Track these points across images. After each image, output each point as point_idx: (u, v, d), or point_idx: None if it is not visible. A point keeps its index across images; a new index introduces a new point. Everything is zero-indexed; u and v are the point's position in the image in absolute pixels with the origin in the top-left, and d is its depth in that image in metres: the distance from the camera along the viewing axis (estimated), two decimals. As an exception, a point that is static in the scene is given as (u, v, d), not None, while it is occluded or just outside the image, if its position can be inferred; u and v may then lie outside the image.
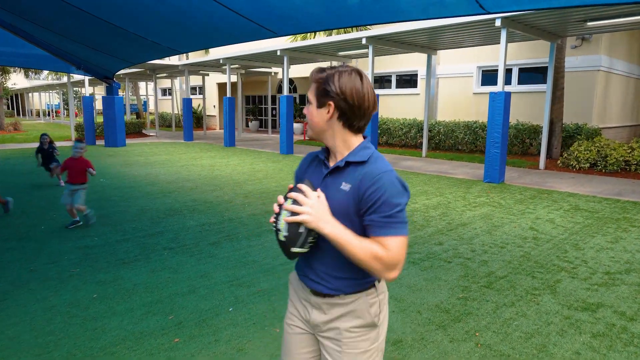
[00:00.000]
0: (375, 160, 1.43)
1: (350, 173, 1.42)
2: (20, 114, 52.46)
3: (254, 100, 27.05)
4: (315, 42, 12.88)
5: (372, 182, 1.36)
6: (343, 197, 1.40)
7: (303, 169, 1.61)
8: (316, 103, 1.44)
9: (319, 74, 1.45)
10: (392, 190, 1.36)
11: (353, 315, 1.50)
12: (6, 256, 4.66)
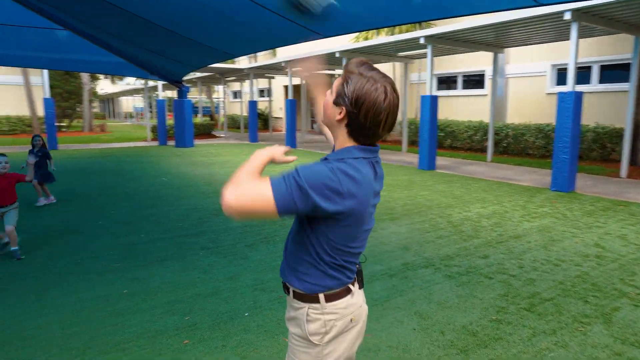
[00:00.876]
0: (327, 162, 1.30)
1: None
2: (112, 116, 57.18)
3: (319, 102, 27.23)
4: (372, 43, 12.64)
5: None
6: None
7: None
8: (334, 98, 1.34)
9: (353, 67, 1.32)
10: (314, 167, 1.25)
11: (295, 322, 1.46)
12: (60, 248, 5.01)
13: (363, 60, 1.35)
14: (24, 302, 3.62)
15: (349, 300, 1.46)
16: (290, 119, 17.10)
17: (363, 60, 1.35)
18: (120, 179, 9.82)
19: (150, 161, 13.30)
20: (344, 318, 1.44)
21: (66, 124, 25.92)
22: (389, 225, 5.97)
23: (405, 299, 3.69)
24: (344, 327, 1.44)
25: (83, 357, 2.82)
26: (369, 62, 1.36)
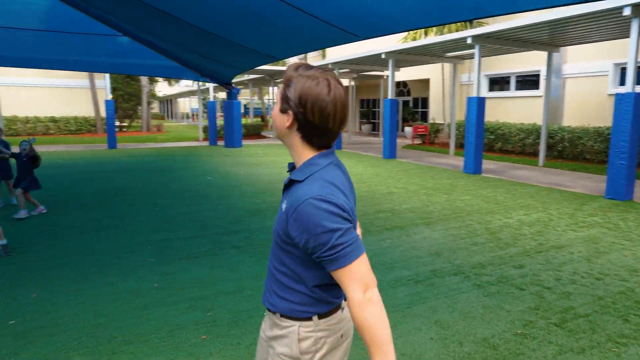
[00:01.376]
0: (311, 181, 1.24)
1: (291, 191, 1.28)
2: (171, 117, 59.91)
3: (368, 103, 27.09)
4: (419, 44, 12.39)
5: (292, 212, 1.22)
6: (281, 214, 1.30)
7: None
8: (279, 106, 1.30)
9: (291, 72, 1.29)
10: (315, 222, 1.18)
11: (283, 341, 1.37)
12: (103, 243, 5.32)
13: (299, 63, 1.33)
14: (64, 291, 3.88)
15: (340, 316, 1.41)
16: (336, 121, 17.11)
17: (299, 63, 1.33)
18: (168, 177, 10.27)
19: (198, 160, 13.81)
20: (335, 334, 1.39)
21: (127, 124, 27.46)
22: (422, 230, 5.84)
23: (427, 306, 3.60)
24: (334, 344, 1.39)
25: (108, 345, 2.99)
26: (306, 63, 1.33)
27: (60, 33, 10.66)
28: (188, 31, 7.78)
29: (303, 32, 6.38)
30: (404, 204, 7.40)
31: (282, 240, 1.30)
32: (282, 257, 1.34)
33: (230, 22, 6.69)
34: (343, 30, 5.70)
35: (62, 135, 23.18)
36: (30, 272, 4.35)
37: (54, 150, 16.38)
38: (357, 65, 17.68)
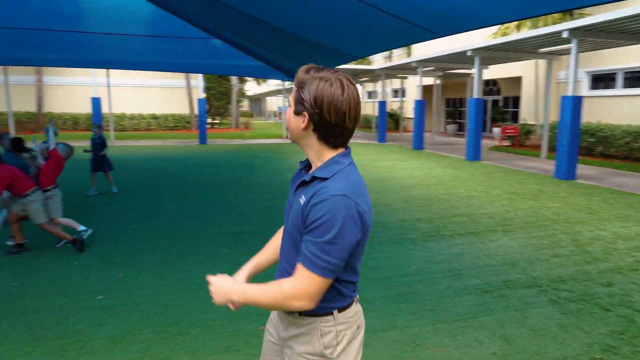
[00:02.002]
0: (337, 179, 1.28)
1: (312, 187, 1.31)
2: (260, 115, 62.64)
3: (454, 103, 26.07)
4: (508, 40, 11.63)
5: (319, 201, 1.24)
6: (298, 209, 1.32)
7: (294, 175, 1.54)
8: (294, 108, 1.33)
9: (302, 74, 1.31)
10: (334, 218, 1.21)
11: (304, 339, 1.40)
12: (184, 231, 5.73)
13: (309, 66, 1.32)
14: (146, 273, 4.25)
15: (355, 308, 1.46)
16: (418, 120, 16.73)
17: (309, 66, 1.32)
18: (249, 173, 10.76)
19: (279, 157, 14.28)
20: (352, 326, 1.43)
21: (218, 121, 29.20)
22: (499, 237, 5.51)
23: (493, 318, 3.39)
24: (352, 336, 1.43)
25: (176, 327, 3.22)
26: (315, 65, 1.33)
27: (161, 38, 11.70)
28: (271, 33, 8.07)
29: (380, 31, 6.32)
30: (483, 209, 7.03)
31: (298, 232, 1.32)
32: (297, 250, 1.35)
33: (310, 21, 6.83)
34: (421, 28, 5.56)
35: (161, 131, 25.28)
36: (120, 252, 4.81)
37: (153, 145, 17.93)
38: (443, 63, 17.08)
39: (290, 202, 1.42)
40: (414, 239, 5.44)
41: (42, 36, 10.71)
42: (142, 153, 15.04)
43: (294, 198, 1.38)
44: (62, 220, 5.08)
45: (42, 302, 3.60)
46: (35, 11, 9.53)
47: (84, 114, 24.21)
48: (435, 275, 4.28)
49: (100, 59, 14.25)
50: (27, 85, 23.92)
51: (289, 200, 1.43)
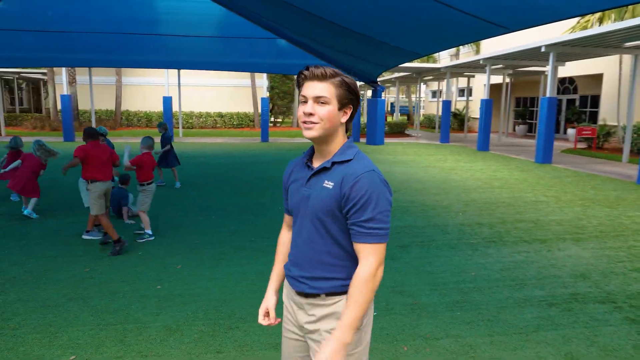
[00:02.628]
0: (359, 159, 1.45)
1: (334, 171, 1.44)
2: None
3: (525, 102, 24.69)
4: (589, 34, 10.77)
5: (355, 181, 1.38)
6: (326, 194, 1.42)
7: (287, 176, 1.63)
8: (337, 105, 1.43)
9: (333, 73, 1.43)
10: (374, 189, 1.37)
11: (334, 317, 1.47)
12: (243, 226, 5.87)
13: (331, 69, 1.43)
14: (203, 266, 4.39)
15: None
16: (484, 120, 16.02)
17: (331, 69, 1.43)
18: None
19: (339, 156, 14.26)
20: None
21: (280, 119, 29.79)
22: (568, 246, 5.11)
23: (558, 334, 3.14)
24: (370, 307, 1.54)
25: (228, 320, 3.29)
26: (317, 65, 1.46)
27: (229, 39, 12.16)
28: (335, 31, 8.08)
29: (447, 27, 6.10)
30: (552, 215, 6.57)
31: (331, 217, 1.42)
32: (330, 237, 1.44)
33: (374, 19, 6.73)
34: (490, 23, 5.29)
35: (226, 129, 26.23)
36: (181, 244, 5.03)
37: (218, 142, 18.64)
38: (513, 61, 16.21)
39: (304, 193, 1.49)
40: (473, 244, 5.19)
41: (122, 39, 11.54)
42: (207, 150, 15.67)
43: (311, 186, 1.47)
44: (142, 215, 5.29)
45: (108, 289, 3.84)
46: (116, 17, 10.30)
47: (157, 112, 25.69)
48: (494, 283, 4.05)
49: (172, 59, 15.11)
50: (108, 86, 25.81)
51: (301, 192, 1.50)
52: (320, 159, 1.51)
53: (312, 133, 1.42)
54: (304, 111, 1.41)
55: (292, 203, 1.54)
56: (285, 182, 1.62)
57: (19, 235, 5.35)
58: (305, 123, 1.42)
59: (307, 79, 1.42)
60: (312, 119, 1.41)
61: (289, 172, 1.62)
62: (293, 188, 1.55)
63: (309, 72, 1.41)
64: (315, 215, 1.44)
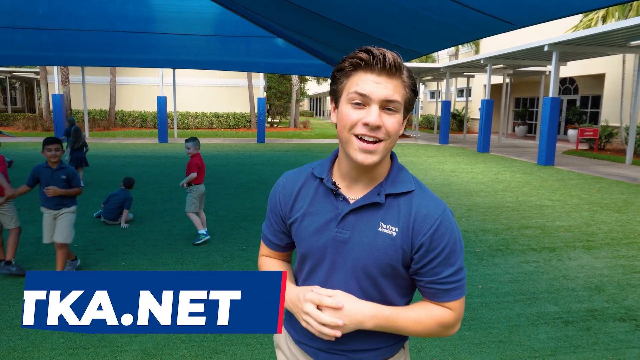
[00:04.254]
0: (422, 188, 1.10)
1: (391, 208, 1.05)
2: (321, 115, 62.88)
3: (525, 103, 24.45)
4: (593, 32, 10.51)
5: (435, 227, 1.03)
6: (386, 244, 1.03)
7: (287, 201, 1.14)
8: (404, 112, 1.04)
9: (404, 70, 1.02)
10: (456, 235, 1.06)
11: None
12: (235, 233, 5.56)
13: (394, 55, 1.00)
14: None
15: None
16: (485, 121, 15.74)
17: (394, 55, 1.00)
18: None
19: (337, 158, 13.97)
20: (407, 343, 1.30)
21: (278, 120, 29.46)
22: (580, 255, 4.82)
23: (578, 358, 2.85)
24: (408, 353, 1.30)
25: (213, 342, 2.98)
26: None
27: (225, 37, 11.86)
28: (332, 29, 7.77)
29: (448, 23, 5.81)
30: (558, 221, 6.28)
31: (389, 275, 1.06)
32: (382, 299, 1.08)
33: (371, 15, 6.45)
34: (496, 18, 5.01)
35: (223, 130, 25.88)
36: (167, 253, 4.70)
37: (213, 143, 18.30)
38: (514, 60, 15.95)
39: (336, 237, 1.05)
40: (478, 253, 4.90)
41: (115, 38, 11.22)
42: (202, 151, 15.33)
43: (350, 227, 1.05)
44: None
45: (84, 304, 3.52)
46: (109, 14, 9.98)
47: (152, 112, 25.33)
48: (504, 297, 3.75)
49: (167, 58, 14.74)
50: (102, 85, 25.43)
51: (328, 233, 1.06)
52: (356, 182, 1.07)
53: (374, 159, 0.98)
54: (367, 121, 0.95)
55: (307, 247, 1.08)
56: (283, 211, 1.15)
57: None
58: (366, 142, 0.97)
59: (369, 68, 0.97)
60: (379, 134, 0.97)
61: (290, 196, 1.14)
62: (306, 225, 1.09)
63: (374, 58, 0.95)
64: (363, 271, 1.04)
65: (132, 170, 10.31)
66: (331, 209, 1.07)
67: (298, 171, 1.17)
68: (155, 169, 10.83)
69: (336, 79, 1.02)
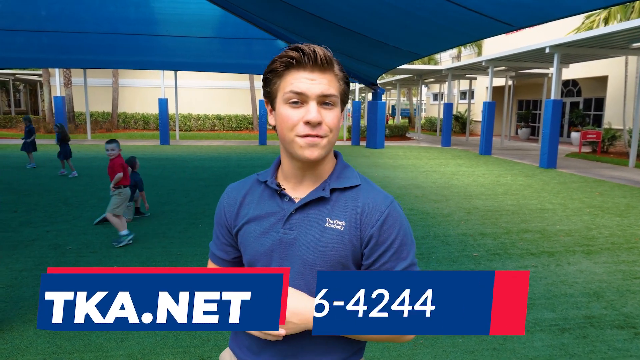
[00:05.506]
0: (368, 183, 1.08)
1: (338, 203, 1.03)
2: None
3: (528, 105, 24.33)
4: (594, 34, 10.41)
5: (383, 219, 1.00)
6: (334, 239, 1.00)
7: (230, 210, 1.11)
8: (341, 105, 1.04)
9: (336, 64, 1.02)
10: (405, 226, 1.03)
11: None
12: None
13: (325, 48, 1.01)
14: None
15: None
16: (487, 123, 15.65)
17: (325, 48, 1.01)
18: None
19: (337, 160, 13.90)
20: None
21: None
22: (579, 260, 4.74)
23: (573, 367, 2.77)
24: None
25: (200, 348, 2.93)
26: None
27: (226, 39, 11.85)
28: (332, 31, 7.75)
29: (445, 24, 5.76)
30: (559, 225, 6.20)
31: (339, 270, 0.99)
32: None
33: (368, 17, 6.40)
34: (493, 19, 4.95)
35: (225, 132, 25.89)
36: (161, 256, 4.65)
37: (215, 145, 18.30)
38: (516, 62, 15.87)
39: (282, 238, 1.02)
40: (476, 258, 4.83)
41: (117, 40, 11.26)
42: (203, 153, 15.32)
43: (296, 227, 1.01)
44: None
45: (72, 309, 3.47)
46: (111, 16, 10.02)
47: (154, 114, 25.37)
48: (500, 303, 3.67)
49: (168, 60, 14.80)
50: (104, 87, 25.51)
51: (273, 235, 1.02)
52: (301, 183, 1.06)
53: (320, 152, 0.97)
54: (308, 119, 0.95)
55: (253, 253, 1.04)
56: (228, 220, 1.11)
57: (-12, 246, 5.00)
58: (309, 137, 0.96)
59: (301, 65, 0.97)
60: (320, 130, 0.96)
61: (234, 204, 1.11)
62: (252, 230, 1.06)
63: (305, 55, 0.96)
64: (312, 272, 0.99)
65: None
66: (276, 210, 1.04)
67: (242, 181, 1.16)
68: (154, 170, 10.80)
69: (269, 81, 1.01)
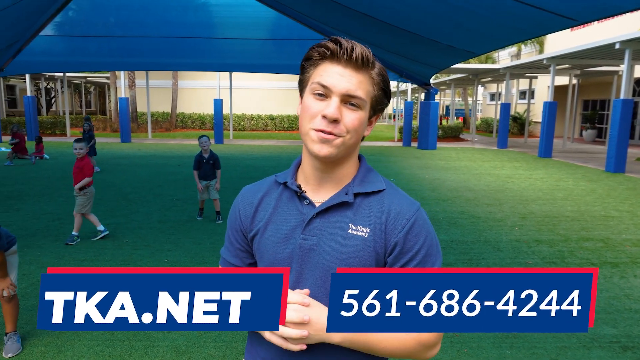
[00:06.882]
0: (394, 188, 1.03)
1: (361, 209, 0.98)
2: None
3: (594, 105, 22.83)
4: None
5: (409, 226, 0.95)
6: (357, 246, 0.95)
7: (247, 214, 1.05)
8: (369, 112, 0.99)
9: (375, 66, 0.97)
10: (432, 236, 0.99)
11: None
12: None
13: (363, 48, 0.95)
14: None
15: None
16: (547, 125, 14.85)
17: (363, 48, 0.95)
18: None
19: (387, 161, 13.74)
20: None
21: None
22: (647, 274, 4.37)
23: (635, 389, 2.56)
24: None
25: (242, 343, 2.98)
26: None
27: (280, 41, 12.09)
28: (385, 31, 7.67)
29: (505, 21, 5.52)
30: (625, 234, 5.75)
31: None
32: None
33: (423, 16, 6.26)
34: (554, 14, 4.68)
35: (277, 132, 26.34)
36: (208, 252, 4.79)
37: (267, 144, 18.66)
38: (581, 60, 14.93)
39: (302, 244, 0.97)
40: (530, 266, 4.58)
41: (177, 43, 11.82)
42: (254, 152, 15.67)
43: (317, 232, 0.96)
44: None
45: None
46: (171, 21, 10.55)
47: (210, 114, 26.29)
48: (554, 315, 3.46)
49: (224, 62, 15.30)
50: (164, 89, 26.76)
51: (293, 241, 0.98)
52: (322, 185, 1.01)
53: (330, 150, 0.93)
54: (325, 114, 0.90)
55: (271, 259, 0.99)
56: (243, 224, 1.05)
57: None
58: (323, 133, 0.92)
59: (336, 59, 0.92)
60: (336, 129, 0.92)
61: (250, 207, 1.05)
62: (269, 235, 1.00)
63: (341, 48, 0.91)
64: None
65: (184, 170, 10.69)
66: (296, 214, 0.99)
67: (258, 183, 1.11)
68: (208, 169, 11.16)
69: (304, 69, 0.98)
